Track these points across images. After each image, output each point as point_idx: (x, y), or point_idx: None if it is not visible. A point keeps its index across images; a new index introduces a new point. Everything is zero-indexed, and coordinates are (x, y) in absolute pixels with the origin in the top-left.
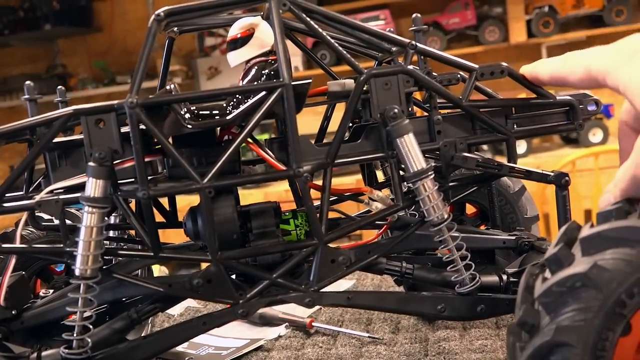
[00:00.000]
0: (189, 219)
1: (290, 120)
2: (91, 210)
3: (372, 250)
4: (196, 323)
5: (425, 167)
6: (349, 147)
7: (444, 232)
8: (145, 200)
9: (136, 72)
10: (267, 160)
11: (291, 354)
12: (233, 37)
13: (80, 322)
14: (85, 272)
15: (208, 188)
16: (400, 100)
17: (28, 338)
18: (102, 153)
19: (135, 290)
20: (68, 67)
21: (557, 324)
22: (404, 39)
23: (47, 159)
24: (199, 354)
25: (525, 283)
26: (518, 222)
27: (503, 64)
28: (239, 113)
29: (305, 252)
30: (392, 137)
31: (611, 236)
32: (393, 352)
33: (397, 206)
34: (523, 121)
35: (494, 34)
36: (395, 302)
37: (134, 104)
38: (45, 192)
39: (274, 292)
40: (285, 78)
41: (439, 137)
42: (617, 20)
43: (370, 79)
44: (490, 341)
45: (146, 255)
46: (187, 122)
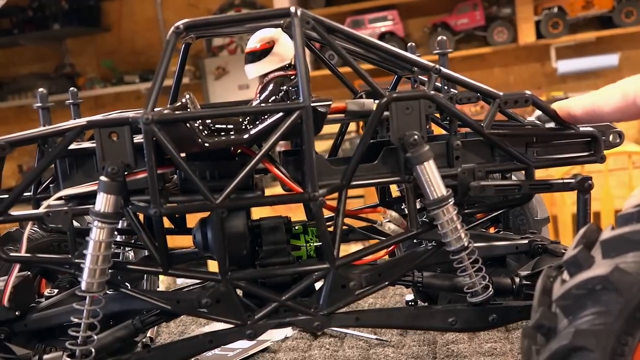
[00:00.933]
0: (199, 232)
1: (308, 142)
2: (100, 225)
3: (383, 274)
4: (202, 340)
5: (445, 194)
6: (365, 169)
7: (463, 260)
8: (156, 218)
9: (152, 86)
10: (284, 181)
11: (298, 356)
12: (252, 50)
13: (84, 332)
14: (91, 287)
15: (221, 208)
16: (420, 126)
17: (31, 339)
18: (115, 168)
19: (142, 304)
20: (76, 66)
21: (575, 327)
22: (428, 63)
23: (58, 167)
24: (205, 354)
25: (543, 285)
26: (528, 225)
27: (527, 93)
28: (256, 133)
29: (317, 275)
30: (411, 163)
31: (633, 239)
32: (401, 355)
33: (411, 232)
34: (544, 150)
35: (502, 34)
36: (404, 319)
37: (150, 120)
38: (54, 198)
39: (282, 313)
40: (306, 99)
41: (457, 163)
42: (627, 21)
43: (391, 102)
44: (500, 344)
45: (155, 271)
46: (204, 141)
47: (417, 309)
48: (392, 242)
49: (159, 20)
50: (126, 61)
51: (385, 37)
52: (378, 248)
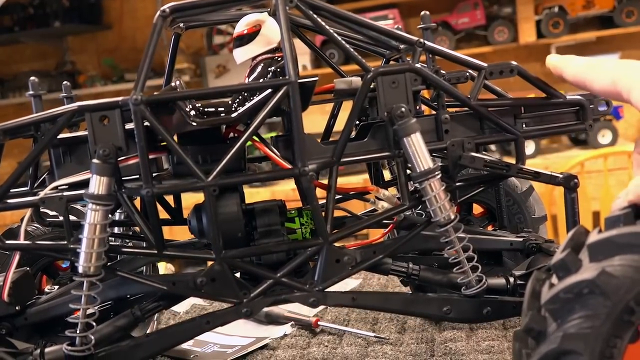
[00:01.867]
0: (194, 217)
1: (296, 118)
2: (95, 207)
3: (378, 251)
4: (199, 322)
5: (432, 166)
6: (355, 146)
7: (450, 233)
8: (149, 198)
9: (141, 68)
10: (273, 159)
11: (297, 353)
12: (239, 34)
13: (83, 319)
14: (88, 270)
15: (212, 186)
16: (407, 99)
17: (32, 334)
18: (106, 150)
19: (139, 288)
20: (77, 64)
21: (564, 331)
22: (412, 37)
23: (52, 155)
24: (204, 351)
25: (532, 289)
26: (525, 223)
27: (513, 63)
28: (244, 111)
29: (310, 251)
30: (399, 136)
31: (619, 242)
32: (399, 352)
33: (403, 206)
34: (532, 121)
35: (503, 34)
36: (400, 303)
37: (139, 100)
38: (50, 188)
39: (278, 291)
40: (292, 75)
41: (446, 137)
42: (628, 21)
43: (377, 77)
44: (497, 342)
45: (150, 253)
46: (192, 120)
47: (414, 295)
48: (386, 215)
49: None
50: (127, 59)
51: None
52: (372, 222)
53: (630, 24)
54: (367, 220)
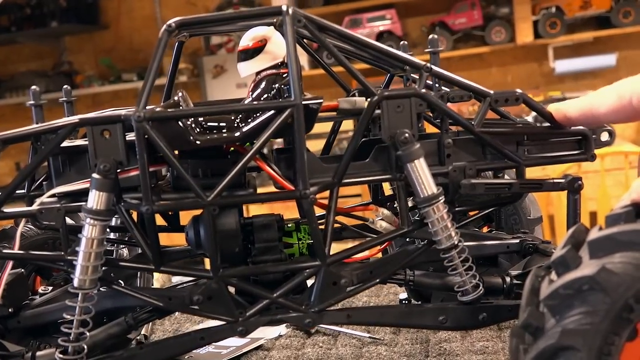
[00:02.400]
0: (191, 229)
1: (299, 140)
2: (93, 222)
3: (375, 272)
4: (194, 337)
5: (435, 192)
6: (357, 167)
7: (454, 258)
8: (148, 215)
9: (145, 84)
10: (275, 179)
11: (291, 354)
12: (244, 48)
13: (76, 329)
14: (84, 283)
15: (213, 206)
16: (412, 124)
17: (24, 336)
18: (107, 166)
19: (134, 301)
20: (74, 64)
21: (562, 327)
22: (419, 62)
23: (51, 164)
24: (199, 352)
25: (531, 285)
26: (521, 224)
27: (518, 91)
28: (248, 131)
29: (308, 273)
30: (402, 161)
31: (620, 239)
32: (394, 353)
33: (402, 229)
34: (534, 148)
35: (500, 34)
36: (395, 317)
37: (142, 117)
38: (47, 195)
39: (274, 310)
40: (297, 97)
41: (448, 161)
42: (625, 22)
43: (382, 100)
44: (492, 343)
45: (147, 268)
46: (195, 138)
47: (409, 307)
48: (383, 240)
49: (157, 18)
50: (124, 59)
51: (383, 36)
52: (369, 245)
53: (628, 24)
54: (367, 242)
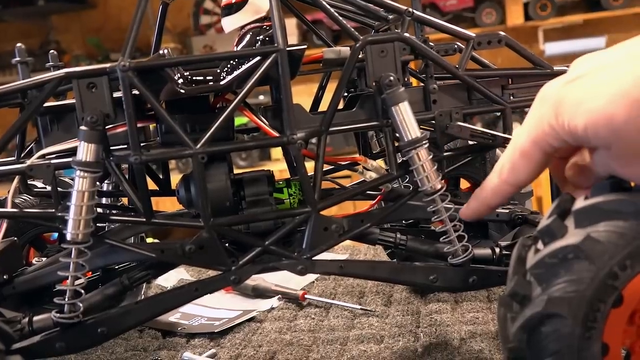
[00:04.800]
0: (182, 187)
1: (285, 86)
2: (83, 174)
3: (366, 219)
4: (188, 289)
5: (419, 136)
6: (344, 116)
7: (437, 202)
8: (137, 165)
9: (129, 34)
10: (261, 127)
11: (283, 325)
12: (227, 2)
13: (71, 286)
14: (76, 237)
15: (201, 154)
16: (396, 68)
17: (20, 304)
18: (94, 117)
19: (127, 256)
20: (62, 43)
21: (548, 295)
22: (400, 6)
23: (39, 124)
24: (191, 324)
25: (518, 254)
26: (512, 197)
27: (501, 33)
28: (233, 78)
29: (298, 219)
30: (387, 105)
31: (605, 208)
32: (385, 324)
33: (390, 175)
34: (520, 92)
35: (491, 16)
36: (387, 272)
37: (126, 67)
38: (37, 156)
39: (266, 259)
40: (280, 43)
41: (434, 107)
42: (614, 4)
43: (365, 46)
44: (482, 314)
45: (139, 221)
46: (180, 87)
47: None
48: (372, 185)
49: None
50: (112, 38)
51: None
52: (360, 190)
53: (617, 7)
54: (355, 188)
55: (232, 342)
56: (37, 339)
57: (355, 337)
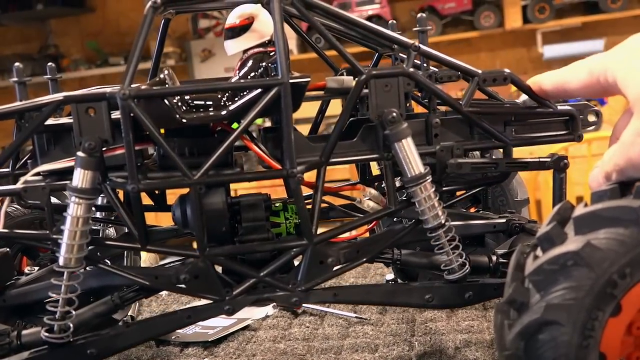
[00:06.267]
0: (178, 208)
1: (286, 119)
2: (78, 200)
3: (362, 250)
4: (180, 316)
5: (423, 172)
6: (345, 146)
7: (440, 237)
8: (134, 193)
9: (130, 61)
10: (262, 158)
11: (278, 334)
12: (231, 26)
13: (62, 308)
14: (69, 262)
15: (199, 184)
16: (399, 103)
17: (10, 315)
18: (92, 144)
19: (120, 280)
20: (60, 47)
21: (547, 302)
22: (407, 40)
23: (35, 142)
24: (185, 332)
25: (516, 261)
26: (508, 205)
27: (506, 71)
28: (234, 109)
29: (295, 252)
30: (389, 140)
31: (605, 216)
32: (380, 332)
33: (389, 209)
34: (522, 128)
35: (489, 19)
36: (382, 295)
37: (127, 95)
38: (32, 173)
39: (261, 289)
40: (284, 76)
41: (435, 141)
42: (613, 7)
43: (370, 79)
44: (477, 322)
45: (133, 247)
46: (181, 116)
47: (395, 285)
48: (370, 219)
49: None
50: (111, 42)
51: (372, 21)
52: (357, 224)
53: (615, 10)
54: (353, 222)
55: (226, 352)
56: (25, 356)
57: (350, 346)
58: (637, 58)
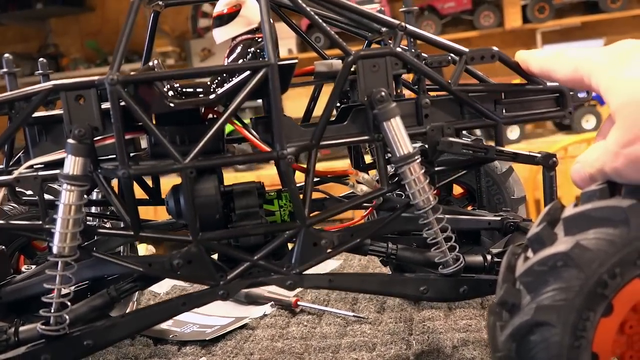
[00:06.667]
0: (171, 198)
1: (275, 100)
2: (70, 188)
3: (356, 234)
4: (175, 303)
5: (411, 151)
6: (335, 129)
7: (429, 216)
8: (125, 179)
9: (117, 47)
10: (251, 141)
11: (276, 332)
12: (219, 14)
13: (57, 299)
14: (63, 250)
15: (189, 168)
16: (387, 83)
17: (7, 313)
18: (82, 130)
19: (115, 268)
20: (60, 46)
21: (537, 303)
22: (393, 20)
23: (27, 134)
24: (183, 331)
25: (507, 262)
26: (505, 203)
27: (494, 49)
28: (223, 92)
29: (288, 234)
30: (378, 120)
31: (594, 216)
32: (377, 331)
33: (382, 190)
34: (512, 107)
35: (489, 18)
36: (377, 284)
37: (115, 80)
38: (24, 167)
39: (255, 273)
40: (271, 58)
41: (426, 121)
42: (612, 7)
43: (358, 60)
44: (475, 321)
45: (126, 234)
46: (169, 101)
47: (391, 275)
48: (363, 200)
49: None
50: (110, 42)
51: None
52: (350, 205)
53: (615, 10)
54: (346, 203)
55: (224, 350)
56: (22, 350)
57: (348, 344)
58: (621, 66)
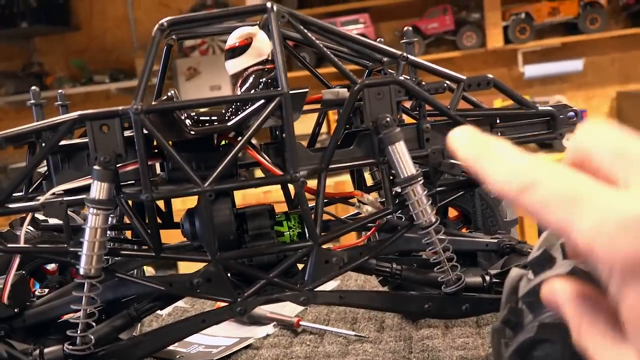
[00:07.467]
0: (187, 221)
1: (288, 127)
2: (96, 212)
3: (364, 252)
4: (195, 321)
5: (415, 173)
6: (342, 153)
7: (432, 235)
8: (148, 202)
9: (140, 80)
10: (265, 166)
11: (280, 352)
12: (231, 46)
13: (84, 319)
14: (89, 272)
15: (209, 192)
16: (392, 110)
17: (26, 336)
18: (107, 157)
19: (137, 288)
20: (45, 65)
21: (539, 321)
22: (396, 51)
23: (50, 162)
24: (189, 352)
25: (510, 284)
26: (498, 226)
27: (489, 76)
28: (239, 120)
29: (301, 253)
30: (384, 144)
31: None
32: (379, 350)
33: (387, 210)
34: (507, 130)
35: (471, 39)
36: (384, 302)
37: (139, 110)
38: (49, 194)
39: (270, 291)
40: (284, 87)
41: (427, 145)
42: (591, 28)
43: (364, 88)
44: (472, 339)
45: (148, 255)
46: (190, 129)
47: (397, 294)
48: (369, 219)
49: (129, 19)
50: (96, 60)
51: None
52: (358, 225)
53: (594, 31)
54: (353, 223)
55: None
56: None
57: None
58: None
